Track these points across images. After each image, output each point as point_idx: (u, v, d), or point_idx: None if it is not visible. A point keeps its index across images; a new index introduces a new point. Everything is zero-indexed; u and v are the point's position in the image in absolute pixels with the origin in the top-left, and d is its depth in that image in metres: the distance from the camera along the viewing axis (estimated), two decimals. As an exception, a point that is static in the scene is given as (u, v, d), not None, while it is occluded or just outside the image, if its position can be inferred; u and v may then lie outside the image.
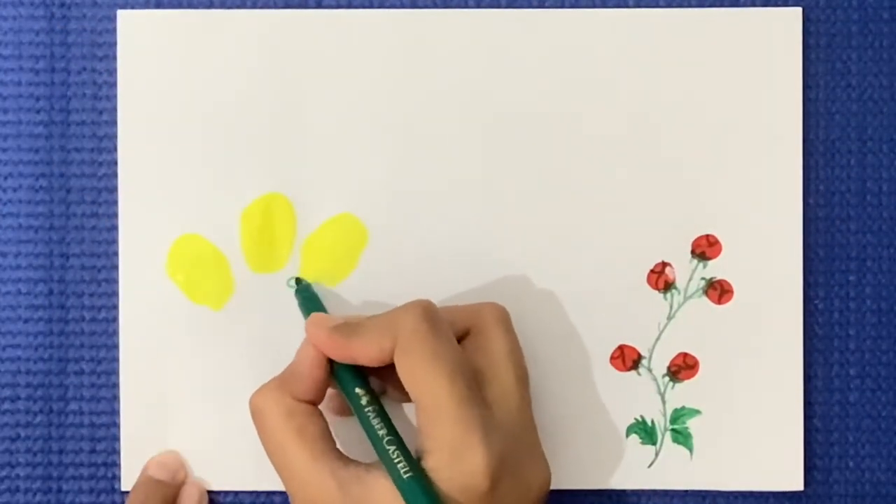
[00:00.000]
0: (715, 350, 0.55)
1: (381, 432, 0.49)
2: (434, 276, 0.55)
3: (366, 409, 0.50)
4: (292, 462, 0.49)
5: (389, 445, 0.48)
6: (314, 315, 0.52)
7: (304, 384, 0.50)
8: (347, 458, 0.50)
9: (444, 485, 0.47)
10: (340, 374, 0.51)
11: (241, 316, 0.55)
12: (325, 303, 0.54)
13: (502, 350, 0.51)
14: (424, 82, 0.55)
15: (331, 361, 0.51)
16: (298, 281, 0.55)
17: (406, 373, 0.48)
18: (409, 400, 0.51)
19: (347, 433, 0.53)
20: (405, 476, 0.47)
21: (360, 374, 0.51)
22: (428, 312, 0.49)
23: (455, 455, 0.47)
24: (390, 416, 0.50)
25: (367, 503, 0.48)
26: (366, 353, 0.49)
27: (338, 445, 0.51)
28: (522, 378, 0.51)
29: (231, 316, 0.55)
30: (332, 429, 0.51)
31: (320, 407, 0.51)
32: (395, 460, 0.48)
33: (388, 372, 0.50)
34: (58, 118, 0.56)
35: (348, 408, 0.52)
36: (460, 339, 0.51)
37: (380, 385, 0.53)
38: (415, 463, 0.48)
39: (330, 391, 0.53)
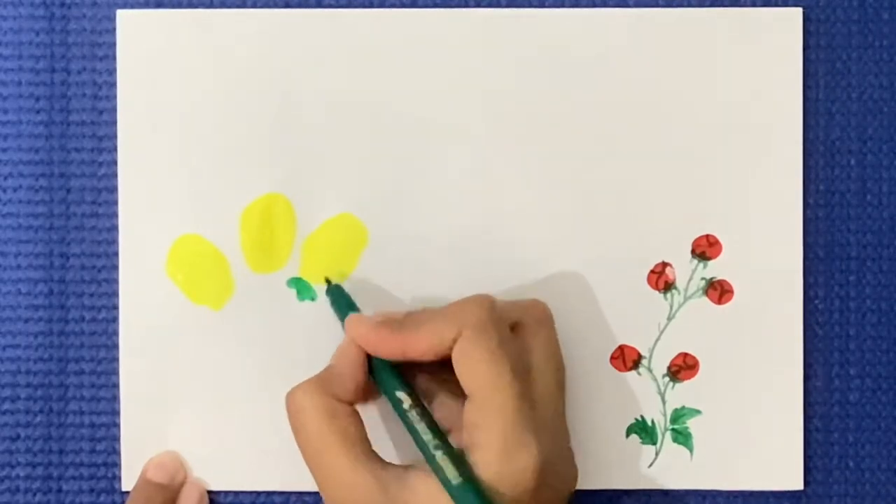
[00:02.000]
0: (715, 350, 0.55)
1: (425, 437, 0.48)
2: (434, 276, 0.55)
3: (410, 412, 0.49)
4: (334, 465, 0.49)
5: (437, 450, 0.48)
6: (354, 315, 0.51)
7: (345, 385, 0.50)
8: (384, 460, 0.49)
9: (491, 480, 0.47)
10: (382, 375, 0.50)
11: (241, 316, 0.55)
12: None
13: (548, 350, 0.51)
14: (424, 82, 0.55)
15: (370, 364, 0.50)
16: (328, 281, 0.54)
17: (467, 364, 0.48)
18: (452, 396, 0.51)
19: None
20: (456, 481, 0.47)
21: (401, 375, 0.50)
22: (493, 306, 0.49)
23: (507, 451, 0.47)
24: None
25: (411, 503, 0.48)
26: (423, 344, 0.49)
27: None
28: (562, 380, 0.51)
29: (231, 316, 0.55)
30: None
31: None
32: (446, 465, 0.47)
33: (422, 370, 0.50)
34: (58, 118, 0.56)
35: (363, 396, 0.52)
36: None
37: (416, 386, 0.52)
38: (464, 465, 0.47)
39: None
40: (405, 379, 0.50)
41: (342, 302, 0.53)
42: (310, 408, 0.49)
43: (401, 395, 0.50)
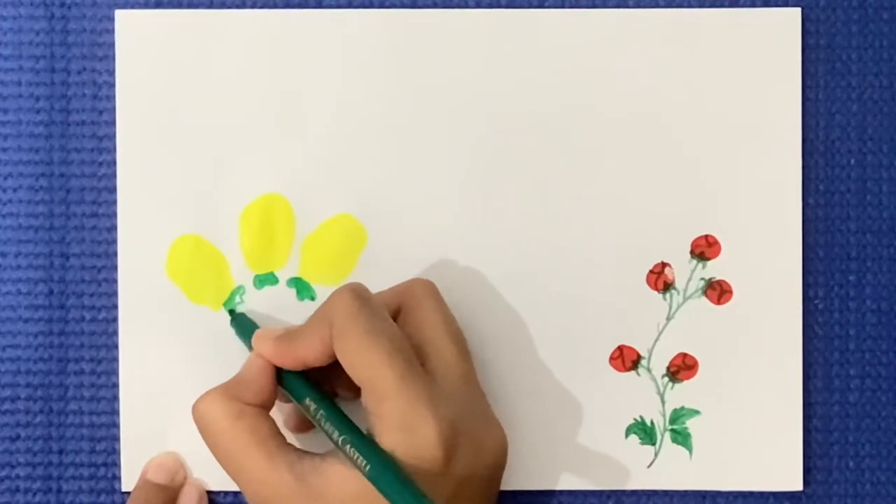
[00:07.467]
0: (714, 350, 0.55)
1: (333, 435, 0.49)
2: (432, 276, 0.55)
3: (316, 415, 0.50)
4: (247, 462, 0.49)
5: (345, 444, 0.48)
6: (259, 330, 0.52)
7: (250, 389, 0.50)
8: (301, 450, 0.50)
9: (401, 459, 0.47)
10: (289, 383, 0.51)
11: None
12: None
13: (437, 322, 0.51)
14: (424, 82, 0.55)
15: (279, 373, 0.51)
16: (232, 312, 0.55)
17: (345, 356, 0.48)
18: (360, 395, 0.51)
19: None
20: (368, 466, 0.47)
21: (309, 381, 0.51)
22: (358, 294, 0.49)
23: (406, 430, 0.47)
24: (347, 412, 0.50)
25: (327, 491, 0.48)
26: (310, 351, 0.49)
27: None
28: (461, 347, 0.51)
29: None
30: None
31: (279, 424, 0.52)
32: (356, 454, 0.47)
33: (335, 372, 0.50)
34: (58, 118, 0.56)
35: (306, 424, 0.53)
36: (393, 318, 0.51)
37: (331, 389, 0.53)
38: (378, 450, 0.47)
39: (289, 409, 0.53)
40: (321, 381, 0.51)
41: (246, 326, 0.53)
42: (214, 412, 0.50)
43: (306, 401, 0.50)
